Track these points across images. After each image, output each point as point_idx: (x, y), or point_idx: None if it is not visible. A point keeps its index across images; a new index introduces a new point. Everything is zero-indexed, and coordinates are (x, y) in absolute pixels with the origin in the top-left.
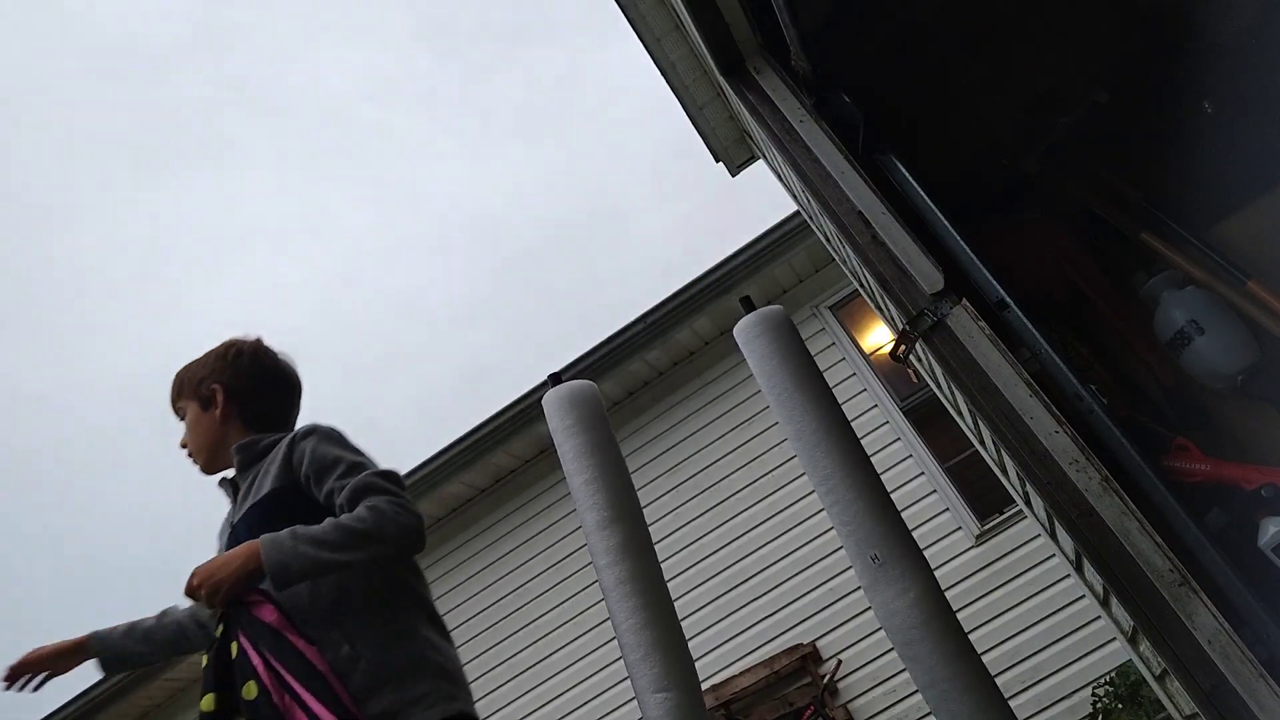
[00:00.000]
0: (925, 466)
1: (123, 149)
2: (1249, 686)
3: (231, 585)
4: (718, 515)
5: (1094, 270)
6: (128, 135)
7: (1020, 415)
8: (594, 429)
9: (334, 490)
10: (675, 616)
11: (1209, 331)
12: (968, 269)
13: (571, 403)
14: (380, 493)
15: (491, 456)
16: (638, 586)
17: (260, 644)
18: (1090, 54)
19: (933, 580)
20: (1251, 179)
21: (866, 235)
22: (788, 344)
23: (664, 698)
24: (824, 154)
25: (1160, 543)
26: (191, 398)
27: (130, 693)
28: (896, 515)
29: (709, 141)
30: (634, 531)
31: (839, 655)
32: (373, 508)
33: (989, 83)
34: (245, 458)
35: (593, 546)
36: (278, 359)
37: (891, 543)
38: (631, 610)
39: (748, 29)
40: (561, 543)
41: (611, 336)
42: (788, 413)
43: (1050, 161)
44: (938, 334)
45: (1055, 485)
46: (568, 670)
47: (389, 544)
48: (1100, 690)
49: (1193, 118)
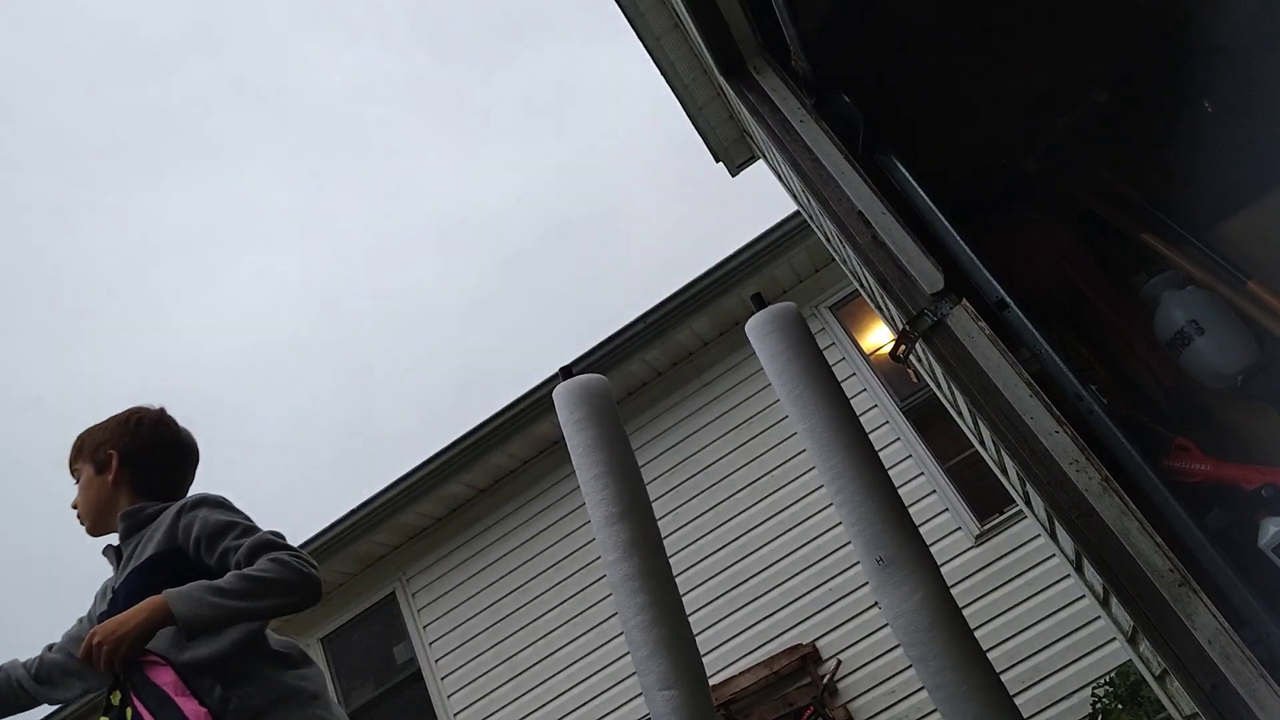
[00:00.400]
0: (925, 466)
1: (119, 147)
2: (1249, 686)
3: (133, 642)
4: (717, 515)
5: (1094, 270)
6: (124, 133)
7: (1020, 415)
8: (604, 423)
9: (229, 550)
10: (683, 614)
11: (1209, 331)
12: (968, 269)
13: (582, 397)
14: (279, 549)
15: (492, 457)
16: (646, 583)
17: (157, 710)
18: (1090, 54)
19: (941, 582)
20: (1252, 179)
21: (866, 235)
22: (799, 341)
23: (670, 695)
24: (824, 154)
25: (1160, 543)
26: (88, 460)
27: None
28: (906, 515)
29: (709, 141)
30: (643, 527)
31: (839, 655)
32: (275, 559)
33: (989, 83)
34: (130, 524)
35: (601, 542)
36: (177, 430)
37: (900, 543)
38: (639, 607)
39: (748, 29)
40: (561, 543)
41: (611, 336)
42: (799, 409)
43: (1050, 161)
44: (938, 334)
45: (1055, 485)
46: (568, 670)
47: (293, 592)
48: (1100, 690)
49: (1193, 118)
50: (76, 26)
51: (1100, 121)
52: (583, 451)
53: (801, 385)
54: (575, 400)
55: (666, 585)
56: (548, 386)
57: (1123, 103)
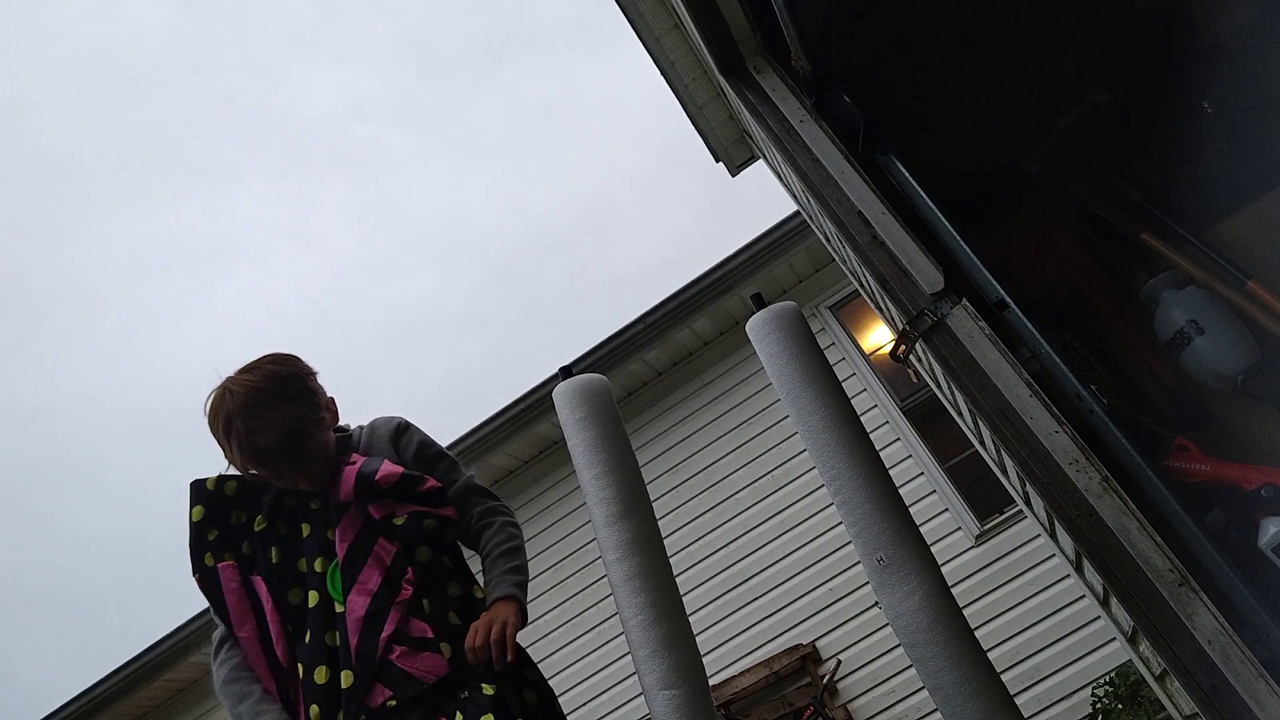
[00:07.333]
0: (925, 466)
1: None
2: (1249, 686)
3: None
4: (717, 515)
5: (1094, 270)
6: (115, 151)
7: (1020, 415)
8: (605, 422)
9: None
10: (684, 613)
11: (1209, 331)
12: (968, 269)
13: (582, 396)
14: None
15: (491, 457)
16: (647, 583)
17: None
18: (1090, 54)
19: (941, 582)
20: (1252, 179)
21: (866, 235)
22: (799, 340)
23: (671, 695)
24: (824, 154)
25: (1160, 543)
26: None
27: (130, 692)
28: (906, 515)
29: (709, 141)
30: (644, 526)
31: (839, 655)
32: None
33: (989, 83)
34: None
35: (602, 541)
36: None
37: (900, 543)
38: (640, 606)
39: (748, 29)
40: (561, 543)
41: (611, 336)
42: (799, 409)
43: (1050, 161)
44: (938, 334)
45: (1055, 485)
46: (568, 670)
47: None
48: (1100, 690)
49: (1193, 118)
50: (69, 47)
51: (1100, 121)
52: (583, 451)
53: (801, 385)
54: (575, 400)
55: (668, 585)
56: (547, 386)
57: (1123, 103)
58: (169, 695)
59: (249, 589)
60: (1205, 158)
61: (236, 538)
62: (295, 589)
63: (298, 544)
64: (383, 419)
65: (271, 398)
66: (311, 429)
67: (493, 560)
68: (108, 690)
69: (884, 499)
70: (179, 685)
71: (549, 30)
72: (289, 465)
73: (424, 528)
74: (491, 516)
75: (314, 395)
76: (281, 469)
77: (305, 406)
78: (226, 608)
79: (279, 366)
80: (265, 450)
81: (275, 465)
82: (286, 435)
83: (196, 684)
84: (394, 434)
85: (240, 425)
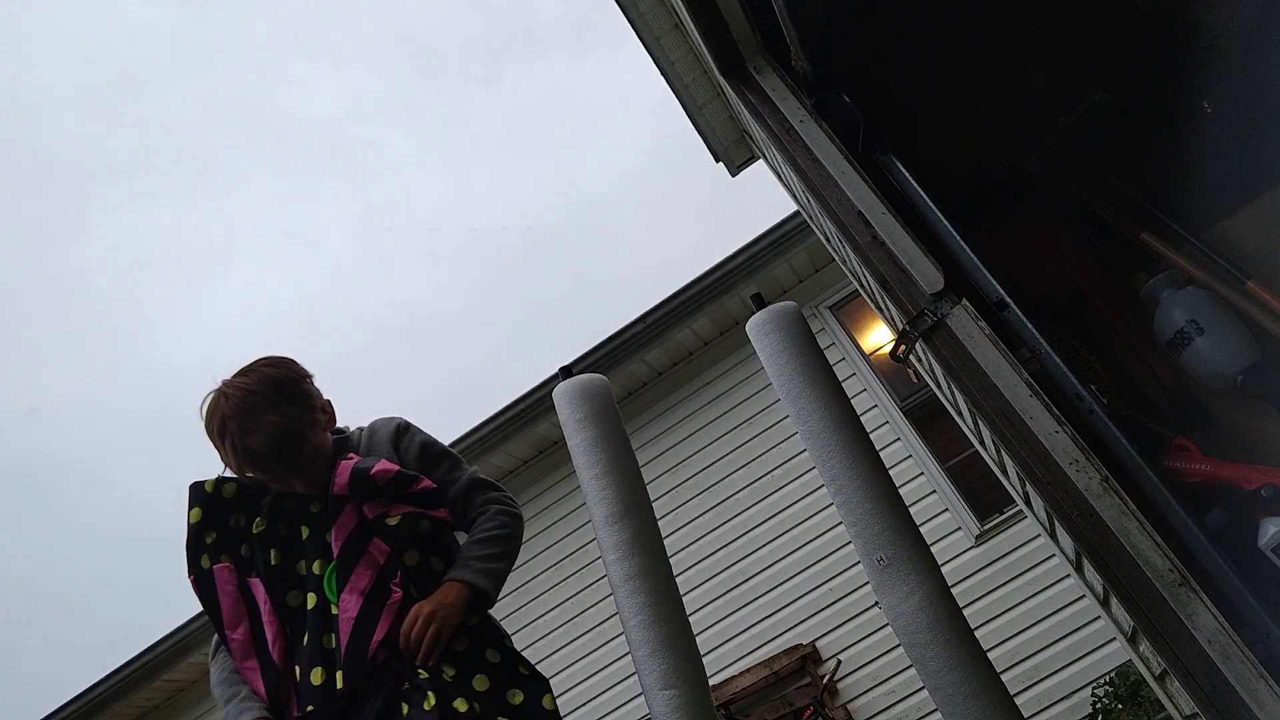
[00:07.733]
0: (925, 466)
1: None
2: (1249, 686)
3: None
4: (717, 516)
5: (1094, 270)
6: (115, 152)
7: (1020, 415)
8: (605, 422)
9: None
10: (684, 613)
11: (1209, 331)
12: (968, 269)
13: (582, 396)
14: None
15: (491, 457)
16: (647, 583)
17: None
18: (1090, 54)
19: (941, 582)
20: (1251, 179)
21: (866, 235)
22: (799, 340)
23: (671, 695)
24: (824, 154)
25: (1160, 543)
26: None
27: (130, 692)
28: (906, 515)
29: (709, 141)
30: (644, 526)
31: (839, 655)
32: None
33: (989, 82)
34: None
35: (602, 541)
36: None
37: (900, 543)
38: (640, 606)
39: (747, 29)
40: (561, 543)
41: (611, 337)
42: (799, 409)
43: (1050, 161)
44: (938, 334)
45: (1055, 485)
46: (568, 670)
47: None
48: (1100, 690)
49: (1193, 118)
50: (69, 48)
51: (1100, 121)
52: (583, 451)
53: (801, 385)
54: (575, 400)
55: (668, 585)
56: (547, 386)
57: (1123, 103)
58: (168, 696)
59: (245, 591)
60: (1204, 158)
61: (235, 540)
62: (294, 591)
63: (298, 546)
64: (383, 420)
65: (266, 400)
66: (306, 431)
67: (467, 544)
68: (107, 690)
69: (884, 499)
70: (178, 686)
71: (549, 31)
72: (283, 468)
73: (418, 529)
74: (488, 505)
75: (309, 397)
76: (275, 471)
77: (300, 409)
78: (220, 610)
79: (274, 369)
80: (259, 453)
81: (269, 468)
82: (280, 438)
83: (195, 684)
84: (394, 435)
85: (234, 428)
